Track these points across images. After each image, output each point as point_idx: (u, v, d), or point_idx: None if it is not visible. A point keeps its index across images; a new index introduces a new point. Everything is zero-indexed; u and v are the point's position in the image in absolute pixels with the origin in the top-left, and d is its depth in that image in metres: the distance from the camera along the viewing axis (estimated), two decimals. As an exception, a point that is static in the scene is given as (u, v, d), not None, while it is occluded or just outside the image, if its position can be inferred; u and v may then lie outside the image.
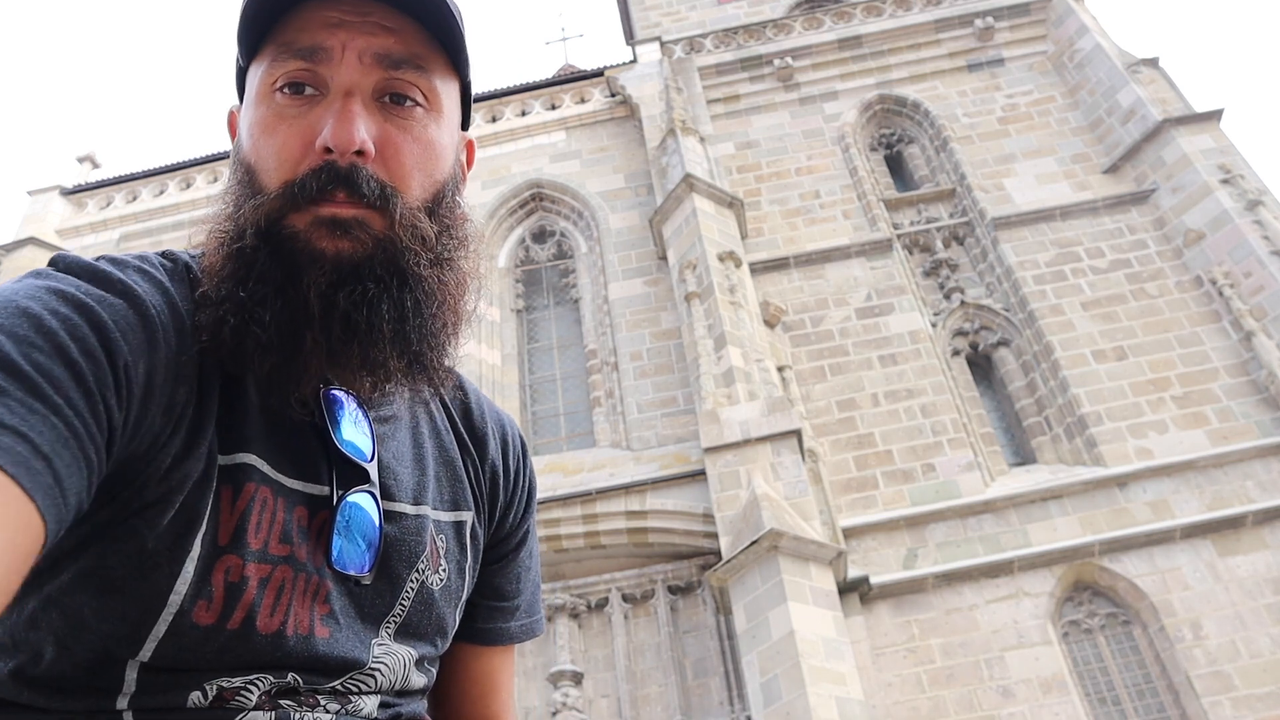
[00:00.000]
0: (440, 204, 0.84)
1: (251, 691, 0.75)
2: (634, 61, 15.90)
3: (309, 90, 0.80)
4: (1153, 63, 14.04)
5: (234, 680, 0.75)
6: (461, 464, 0.96)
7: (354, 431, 0.84)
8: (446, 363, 0.85)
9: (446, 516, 0.93)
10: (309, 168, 0.77)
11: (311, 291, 0.75)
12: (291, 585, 0.78)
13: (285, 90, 0.79)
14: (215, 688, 0.74)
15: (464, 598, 0.95)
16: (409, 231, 0.79)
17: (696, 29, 16.70)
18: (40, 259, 15.59)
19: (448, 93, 0.86)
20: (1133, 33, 64.40)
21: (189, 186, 16.48)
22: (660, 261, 13.13)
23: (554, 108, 15.98)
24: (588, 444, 12.07)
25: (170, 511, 0.72)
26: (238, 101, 0.89)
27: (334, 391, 0.84)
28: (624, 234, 13.74)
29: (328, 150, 0.77)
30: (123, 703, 0.72)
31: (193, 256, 0.86)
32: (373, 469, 0.84)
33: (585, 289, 13.65)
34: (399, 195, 0.79)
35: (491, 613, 1.03)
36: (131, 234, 15.95)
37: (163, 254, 0.86)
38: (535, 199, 14.81)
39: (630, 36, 17.64)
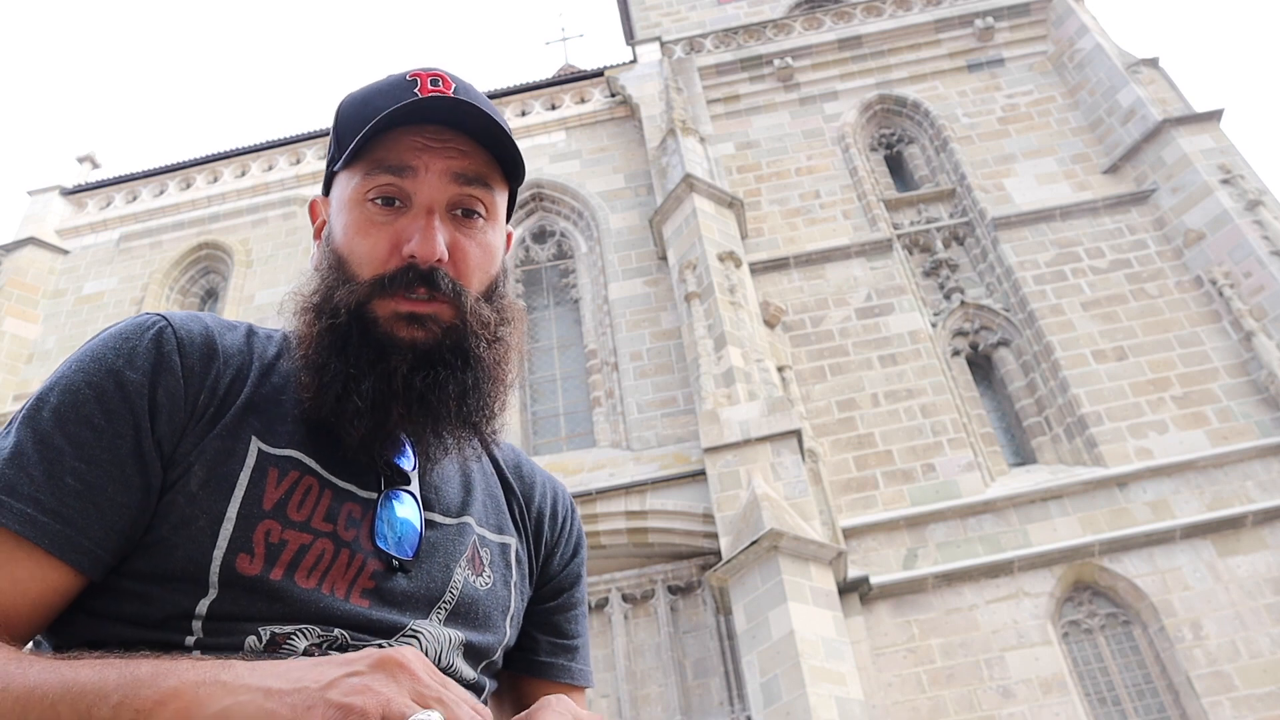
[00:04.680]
0: (495, 292, 1.02)
1: (300, 639, 0.86)
2: (634, 61, 15.89)
3: (397, 203, 0.97)
4: (1153, 63, 14.04)
5: (285, 628, 0.86)
6: (505, 501, 1.13)
7: (399, 454, 1.01)
8: (496, 424, 1.03)
9: (493, 537, 1.07)
10: (395, 267, 0.95)
11: (396, 373, 0.93)
12: (333, 557, 0.90)
13: (377, 201, 0.97)
14: (269, 633, 0.86)
15: (512, 611, 1.06)
16: (475, 319, 0.97)
17: (696, 29, 16.69)
18: (40, 259, 15.60)
19: (501, 201, 1.04)
20: (1133, 33, 64.40)
21: (189, 186, 16.46)
22: (660, 261, 13.12)
23: (554, 108, 15.98)
24: (588, 444, 12.07)
25: (194, 480, 0.88)
26: (322, 194, 1.07)
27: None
28: (624, 234, 13.74)
29: (412, 256, 0.94)
30: (190, 641, 0.85)
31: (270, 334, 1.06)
32: (414, 477, 1.00)
33: (585, 289, 13.65)
34: (467, 291, 0.97)
35: (554, 649, 1.15)
36: (131, 234, 15.94)
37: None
38: (535, 199, 14.82)
39: (630, 36, 17.64)
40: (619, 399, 12.06)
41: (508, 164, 1.02)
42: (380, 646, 0.87)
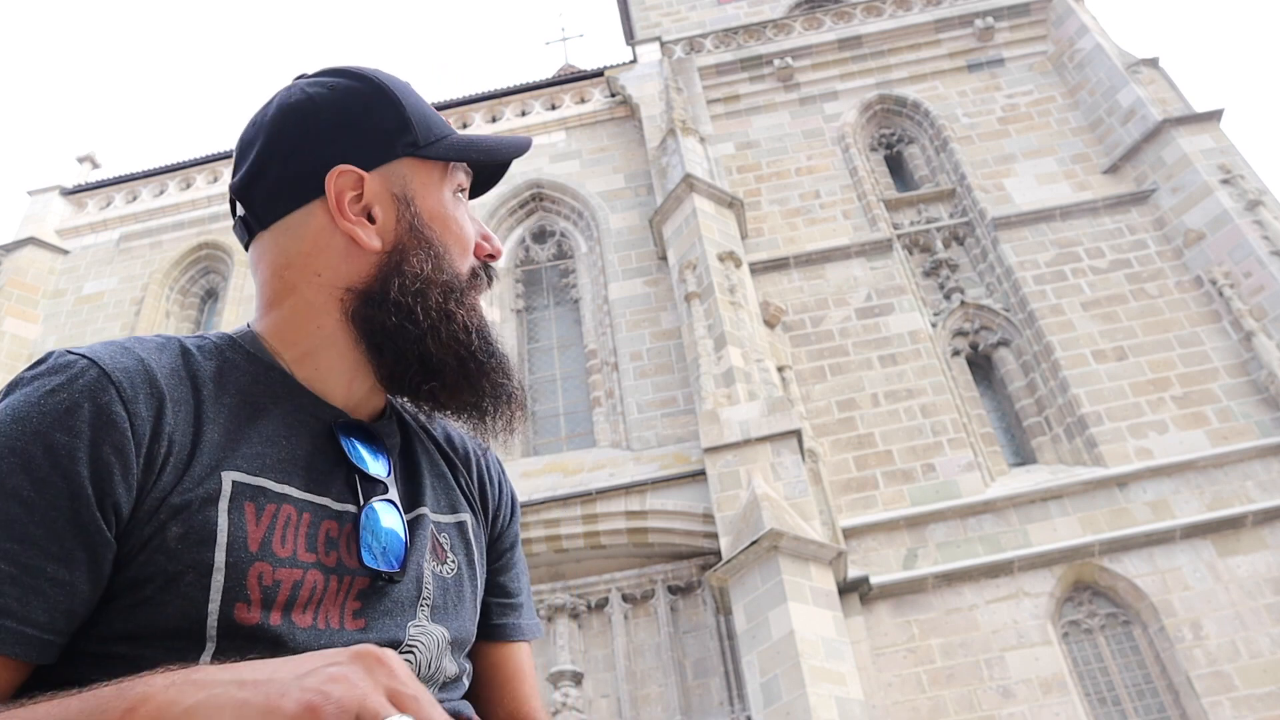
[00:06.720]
0: None
1: None
2: (634, 61, 15.89)
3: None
4: (1153, 63, 14.04)
5: None
6: (452, 476, 1.11)
7: (371, 459, 0.99)
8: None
9: (448, 518, 1.05)
10: (483, 261, 1.05)
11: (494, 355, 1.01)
12: (323, 587, 0.87)
13: (460, 196, 1.05)
14: None
15: (477, 591, 1.06)
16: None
17: (696, 29, 16.69)
18: (40, 259, 15.60)
19: None
20: (1133, 33, 64.35)
21: (189, 186, 16.46)
22: (660, 261, 13.12)
23: (554, 108, 15.98)
24: (588, 444, 12.06)
25: (170, 535, 0.80)
26: (357, 167, 0.98)
27: (350, 426, 0.99)
28: (624, 234, 13.74)
29: (491, 255, 1.06)
30: None
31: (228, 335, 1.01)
32: (391, 484, 0.98)
33: (585, 289, 13.64)
34: None
35: (503, 609, 1.15)
36: (131, 234, 15.94)
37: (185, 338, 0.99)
38: (535, 199, 14.81)
39: (630, 36, 17.64)
40: (619, 399, 12.06)
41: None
42: None
